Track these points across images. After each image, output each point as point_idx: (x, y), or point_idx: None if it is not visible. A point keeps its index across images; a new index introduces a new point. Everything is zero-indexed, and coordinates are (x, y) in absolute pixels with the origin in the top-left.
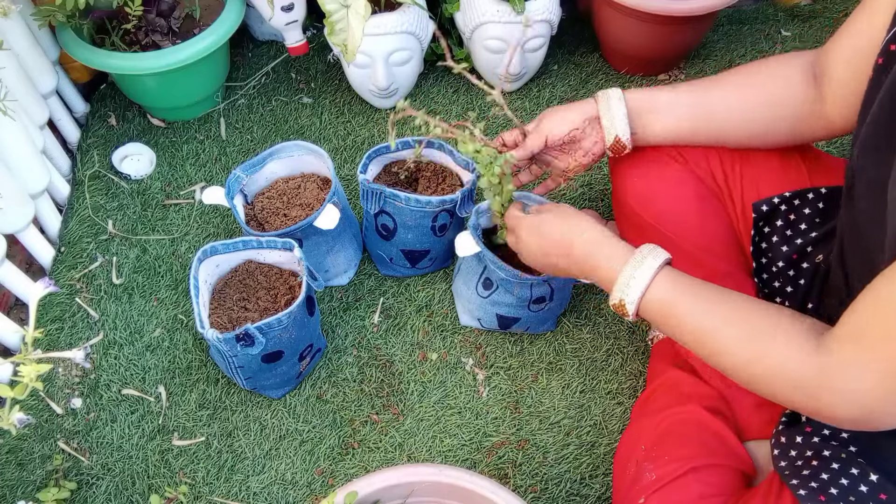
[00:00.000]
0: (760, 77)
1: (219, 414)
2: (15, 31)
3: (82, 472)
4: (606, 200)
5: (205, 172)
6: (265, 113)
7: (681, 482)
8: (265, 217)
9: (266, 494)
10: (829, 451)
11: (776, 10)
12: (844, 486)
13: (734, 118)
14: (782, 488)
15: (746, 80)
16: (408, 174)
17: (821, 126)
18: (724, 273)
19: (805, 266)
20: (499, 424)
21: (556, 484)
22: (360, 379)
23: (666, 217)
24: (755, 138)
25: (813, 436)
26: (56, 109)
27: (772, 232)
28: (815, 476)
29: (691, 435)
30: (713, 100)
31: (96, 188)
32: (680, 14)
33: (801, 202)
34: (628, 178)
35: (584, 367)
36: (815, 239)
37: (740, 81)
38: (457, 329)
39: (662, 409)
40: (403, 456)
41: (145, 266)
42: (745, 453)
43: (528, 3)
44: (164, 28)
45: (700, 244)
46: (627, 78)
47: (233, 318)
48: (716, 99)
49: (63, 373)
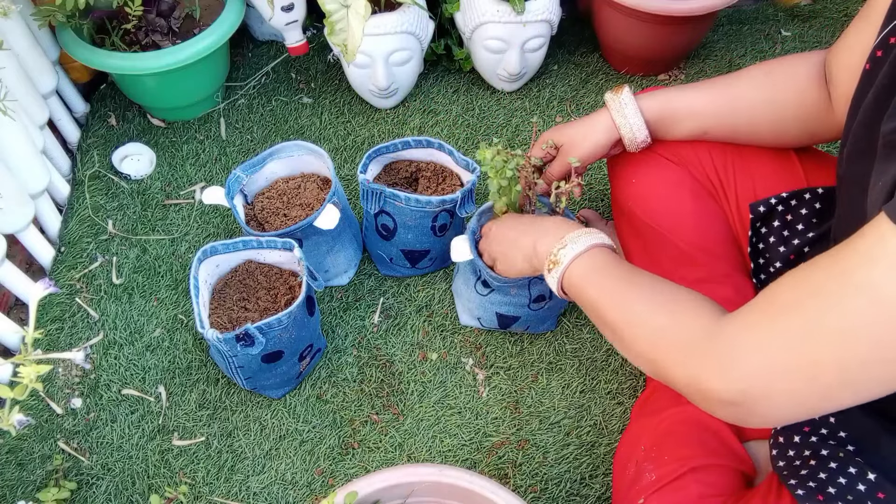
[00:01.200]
0: (776, 77)
1: (219, 414)
2: (15, 31)
3: (82, 472)
4: (606, 200)
5: (205, 172)
6: (265, 113)
7: (680, 482)
8: (265, 217)
9: (266, 494)
10: (827, 451)
11: (776, 10)
12: (842, 485)
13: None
14: (781, 488)
15: (763, 80)
16: (408, 174)
17: (830, 128)
18: (723, 273)
19: None
20: (499, 424)
21: (556, 484)
22: (360, 379)
23: (663, 218)
24: (768, 136)
25: (811, 435)
26: (56, 109)
27: (769, 233)
28: (812, 475)
29: (691, 435)
30: (730, 103)
31: (96, 188)
32: (680, 14)
33: (799, 203)
34: (625, 179)
35: (584, 367)
36: (812, 239)
37: (757, 81)
38: (457, 329)
39: (662, 409)
40: (403, 456)
41: (145, 266)
42: (745, 453)
43: (528, 3)
44: (164, 28)
45: (697, 244)
46: (627, 78)
47: (233, 318)
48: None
49: (63, 373)
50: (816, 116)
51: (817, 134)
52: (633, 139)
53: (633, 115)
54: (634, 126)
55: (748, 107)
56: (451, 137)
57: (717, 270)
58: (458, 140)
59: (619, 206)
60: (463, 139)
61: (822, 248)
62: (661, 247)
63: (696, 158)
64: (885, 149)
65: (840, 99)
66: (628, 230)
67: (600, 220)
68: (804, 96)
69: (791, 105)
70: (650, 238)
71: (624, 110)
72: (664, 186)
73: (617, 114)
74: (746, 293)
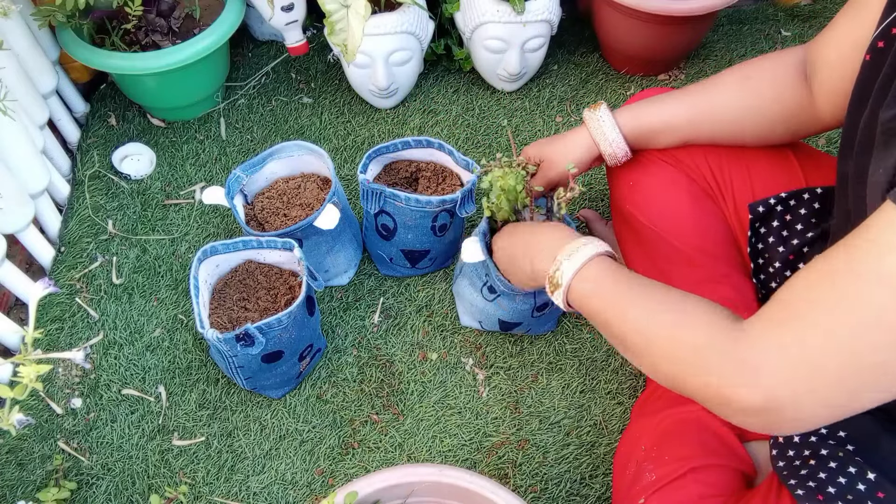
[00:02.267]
0: (754, 82)
1: (219, 414)
2: (15, 31)
3: (82, 472)
4: (606, 201)
5: (205, 172)
6: (265, 113)
7: (681, 482)
8: (265, 217)
9: (266, 494)
10: (827, 451)
11: (776, 10)
12: (842, 484)
13: (730, 127)
14: (781, 488)
15: (741, 86)
16: (408, 174)
17: (813, 122)
18: (722, 274)
19: (801, 267)
20: (499, 424)
21: (556, 484)
22: (360, 379)
23: (661, 219)
24: (751, 139)
25: (810, 435)
26: (56, 109)
27: (768, 232)
28: (812, 475)
29: (691, 435)
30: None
31: (96, 188)
32: (680, 14)
33: (797, 202)
34: (623, 182)
35: (584, 367)
36: (811, 239)
37: (735, 88)
38: (457, 329)
39: (662, 408)
40: (403, 456)
41: (145, 266)
42: (745, 453)
43: (528, 3)
44: (164, 28)
45: (696, 245)
46: (627, 78)
47: (233, 318)
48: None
49: (63, 373)
50: (798, 114)
51: (800, 131)
52: (614, 154)
53: (610, 132)
54: (613, 142)
55: (728, 116)
56: (451, 137)
57: (716, 271)
58: (458, 140)
59: (618, 208)
60: (463, 139)
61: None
62: (659, 248)
63: (692, 160)
64: (883, 136)
65: (823, 94)
66: (627, 232)
67: (600, 219)
68: (784, 96)
69: (772, 107)
70: (649, 239)
71: (602, 127)
72: (662, 188)
73: (595, 131)
74: (746, 293)
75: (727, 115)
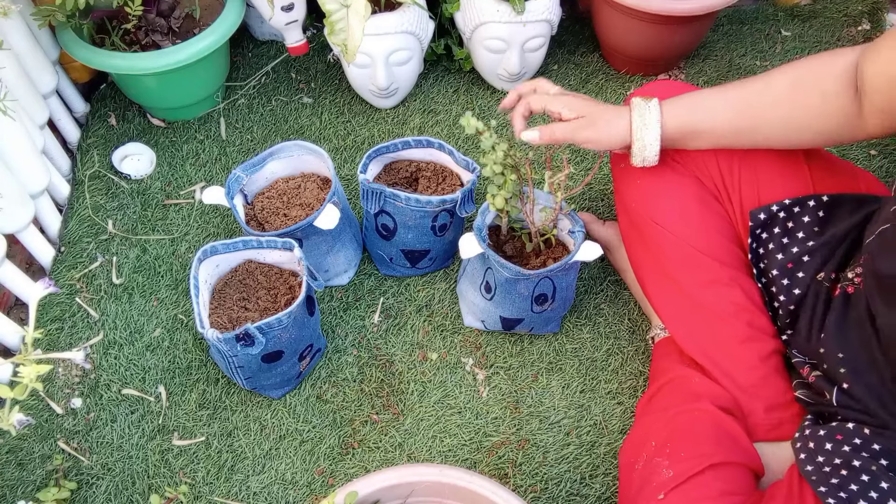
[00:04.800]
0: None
1: (219, 414)
2: (15, 31)
3: (82, 472)
4: (606, 200)
5: (205, 172)
6: (265, 113)
7: (700, 479)
8: (265, 217)
9: (266, 494)
10: (860, 462)
11: (776, 9)
12: (874, 499)
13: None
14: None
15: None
16: (408, 174)
17: (855, 133)
18: (728, 276)
19: (800, 276)
20: (499, 424)
21: (556, 484)
22: (360, 379)
23: (668, 219)
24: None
25: (843, 444)
26: (56, 109)
27: (769, 239)
28: (844, 486)
29: (706, 433)
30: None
31: (96, 188)
32: (680, 14)
33: (801, 210)
34: (630, 179)
35: (584, 367)
36: (811, 248)
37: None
38: (457, 329)
39: (672, 405)
40: (403, 456)
41: (145, 266)
42: (756, 453)
43: (528, 3)
44: (164, 28)
45: (702, 246)
46: (627, 78)
47: (233, 318)
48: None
49: (63, 373)
50: (839, 129)
51: (840, 140)
52: (643, 158)
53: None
54: (648, 146)
55: (769, 126)
56: (451, 137)
57: (723, 273)
58: (458, 140)
59: (624, 204)
60: (463, 139)
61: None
62: (665, 247)
63: (703, 161)
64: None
65: (875, 112)
66: (632, 229)
67: (597, 220)
68: (832, 110)
69: (818, 121)
70: (654, 238)
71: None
72: (669, 188)
73: (637, 133)
74: (753, 296)
75: (768, 125)
